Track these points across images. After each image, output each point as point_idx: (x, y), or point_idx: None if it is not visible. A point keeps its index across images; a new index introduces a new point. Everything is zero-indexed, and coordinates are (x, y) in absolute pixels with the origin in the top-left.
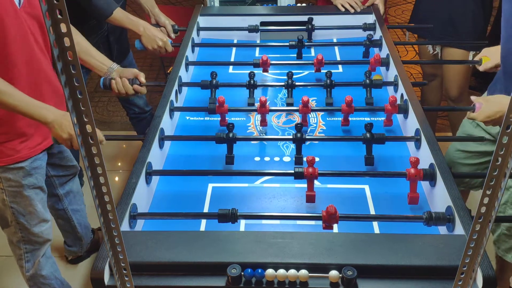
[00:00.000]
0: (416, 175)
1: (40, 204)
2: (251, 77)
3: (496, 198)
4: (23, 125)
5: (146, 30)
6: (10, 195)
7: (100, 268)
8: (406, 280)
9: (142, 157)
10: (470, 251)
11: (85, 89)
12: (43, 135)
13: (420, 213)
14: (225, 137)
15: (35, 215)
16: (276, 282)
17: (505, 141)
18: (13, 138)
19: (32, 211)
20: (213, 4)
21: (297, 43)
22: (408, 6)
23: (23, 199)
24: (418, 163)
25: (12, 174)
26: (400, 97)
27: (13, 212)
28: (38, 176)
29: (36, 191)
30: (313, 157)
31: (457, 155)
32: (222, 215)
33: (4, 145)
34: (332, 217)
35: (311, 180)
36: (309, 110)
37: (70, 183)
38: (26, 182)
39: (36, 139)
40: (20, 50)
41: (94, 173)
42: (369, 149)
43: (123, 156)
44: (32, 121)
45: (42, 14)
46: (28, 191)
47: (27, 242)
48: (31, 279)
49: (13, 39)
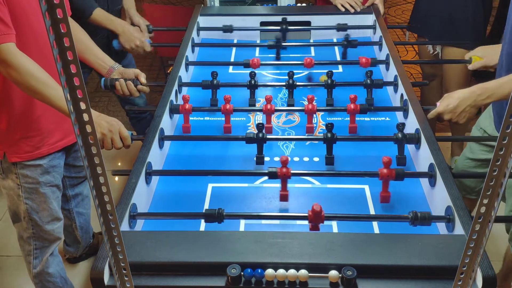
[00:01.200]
0: (388, 175)
1: (55, 202)
2: (252, 77)
3: (496, 198)
4: (44, 120)
5: (124, 30)
6: (26, 191)
7: (100, 268)
8: (406, 280)
9: (142, 157)
10: (469, 251)
11: (85, 89)
12: (63, 132)
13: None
14: (255, 137)
15: (49, 213)
16: (275, 282)
17: (505, 141)
18: (32, 134)
19: (46, 208)
20: (213, 4)
21: (276, 43)
22: (408, 6)
23: (39, 196)
24: (391, 163)
25: (30, 171)
26: (400, 97)
27: (27, 208)
28: (55, 174)
29: (52, 189)
30: (287, 157)
31: (467, 163)
32: (208, 215)
33: (23, 141)
34: (317, 216)
35: (284, 180)
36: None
37: (81, 186)
38: (43, 179)
39: (56, 136)
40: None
41: (94, 173)
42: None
43: (123, 156)
44: (53, 118)
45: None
46: (44, 188)
47: (38, 239)
48: (37, 276)
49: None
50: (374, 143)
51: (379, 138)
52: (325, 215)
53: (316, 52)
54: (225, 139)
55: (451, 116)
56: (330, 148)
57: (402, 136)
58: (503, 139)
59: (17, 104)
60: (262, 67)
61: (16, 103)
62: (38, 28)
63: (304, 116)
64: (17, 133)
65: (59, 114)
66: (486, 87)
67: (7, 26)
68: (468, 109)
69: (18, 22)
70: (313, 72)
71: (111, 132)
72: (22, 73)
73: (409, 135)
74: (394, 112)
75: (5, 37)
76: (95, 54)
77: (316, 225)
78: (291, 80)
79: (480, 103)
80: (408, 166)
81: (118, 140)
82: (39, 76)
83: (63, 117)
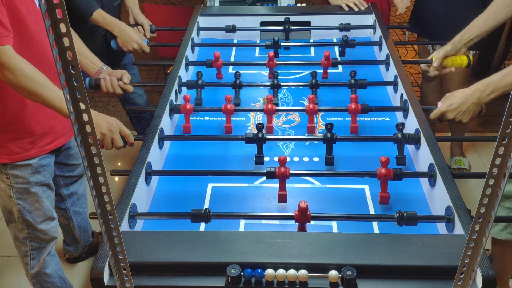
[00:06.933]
0: (386, 175)
1: (47, 201)
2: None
3: (495, 198)
4: (34, 124)
5: (121, 32)
6: (17, 192)
7: (100, 268)
8: (406, 280)
9: (142, 157)
10: (469, 251)
11: (85, 89)
12: (54, 135)
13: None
14: (255, 137)
15: (42, 212)
16: (275, 282)
17: (505, 141)
18: (22, 136)
19: (39, 207)
20: (213, 4)
21: (273, 44)
22: None
23: (30, 195)
24: (388, 162)
25: (20, 171)
26: (400, 97)
27: (19, 208)
28: (46, 174)
29: (43, 188)
30: (285, 157)
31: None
32: (195, 215)
33: (13, 143)
34: (303, 215)
35: (283, 180)
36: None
37: (76, 185)
38: (33, 179)
39: (47, 139)
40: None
41: (93, 173)
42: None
43: (123, 156)
44: (45, 121)
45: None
46: (35, 188)
47: (33, 239)
48: (35, 277)
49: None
50: (374, 143)
51: (379, 138)
52: (311, 215)
53: (316, 52)
54: (225, 139)
55: (454, 115)
56: (329, 148)
57: (401, 136)
58: (503, 139)
59: (8, 105)
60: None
61: (6, 104)
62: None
63: (304, 116)
64: (7, 135)
65: (50, 117)
66: (489, 81)
67: (5, 28)
68: (471, 108)
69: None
70: None
71: (111, 132)
72: (18, 74)
73: (409, 135)
74: (394, 112)
75: (2, 39)
76: (86, 56)
77: (303, 226)
78: (276, 80)
79: (484, 99)
80: (408, 166)
81: (119, 139)
82: (34, 77)
83: (54, 120)
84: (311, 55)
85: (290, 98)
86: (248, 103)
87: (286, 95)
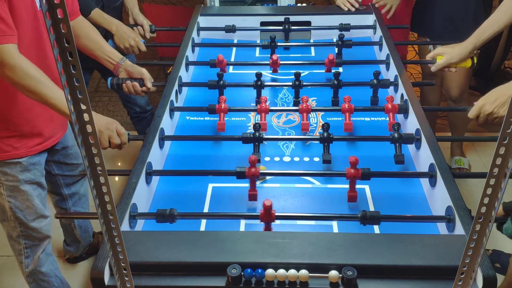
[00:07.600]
0: (355, 176)
1: (37, 199)
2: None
3: (496, 198)
4: (23, 123)
5: (118, 30)
6: (7, 189)
7: (100, 268)
8: (406, 280)
9: (142, 157)
10: (470, 251)
11: (85, 89)
12: (44, 137)
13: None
14: (252, 136)
15: (33, 210)
16: (276, 282)
17: (506, 141)
18: (12, 135)
19: (30, 206)
20: (213, 4)
21: (270, 43)
22: None
23: (20, 193)
24: (357, 163)
25: (9, 168)
26: (400, 97)
27: (10, 206)
28: (35, 172)
29: (33, 186)
30: (255, 157)
31: None
32: (160, 215)
33: (2, 141)
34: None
35: (253, 180)
36: (309, 109)
37: (77, 185)
38: (23, 177)
39: (36, 139)
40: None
41: (94, 173)
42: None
43: (123, 156)
44: (34, 122)
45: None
46: (25, 186)
47: (27, 237)
48: (30, 276)
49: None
50: (373, 142)
51: (375, 138)
52: (275, 214)
53: (316, 52)
54: (225, 139)
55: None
56: (327, 148)
57: (398, 136)
58: (504, 139)
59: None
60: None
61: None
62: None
63: None
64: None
65: (41, 118)
66: None
67: (8, 26)
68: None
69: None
70: (313, 72)
71: (109, 130)
72: (17, 73)
73: (406, 135)
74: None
75: (5, 38)
76: (103, 51)
77: (268, 225)
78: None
79: None
80: (408, 166)
81: (115, 137)
82: (35, 75)
83: (45, 122)
84: (311, 55)
85: (290, 98)
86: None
87: (287, 95)
